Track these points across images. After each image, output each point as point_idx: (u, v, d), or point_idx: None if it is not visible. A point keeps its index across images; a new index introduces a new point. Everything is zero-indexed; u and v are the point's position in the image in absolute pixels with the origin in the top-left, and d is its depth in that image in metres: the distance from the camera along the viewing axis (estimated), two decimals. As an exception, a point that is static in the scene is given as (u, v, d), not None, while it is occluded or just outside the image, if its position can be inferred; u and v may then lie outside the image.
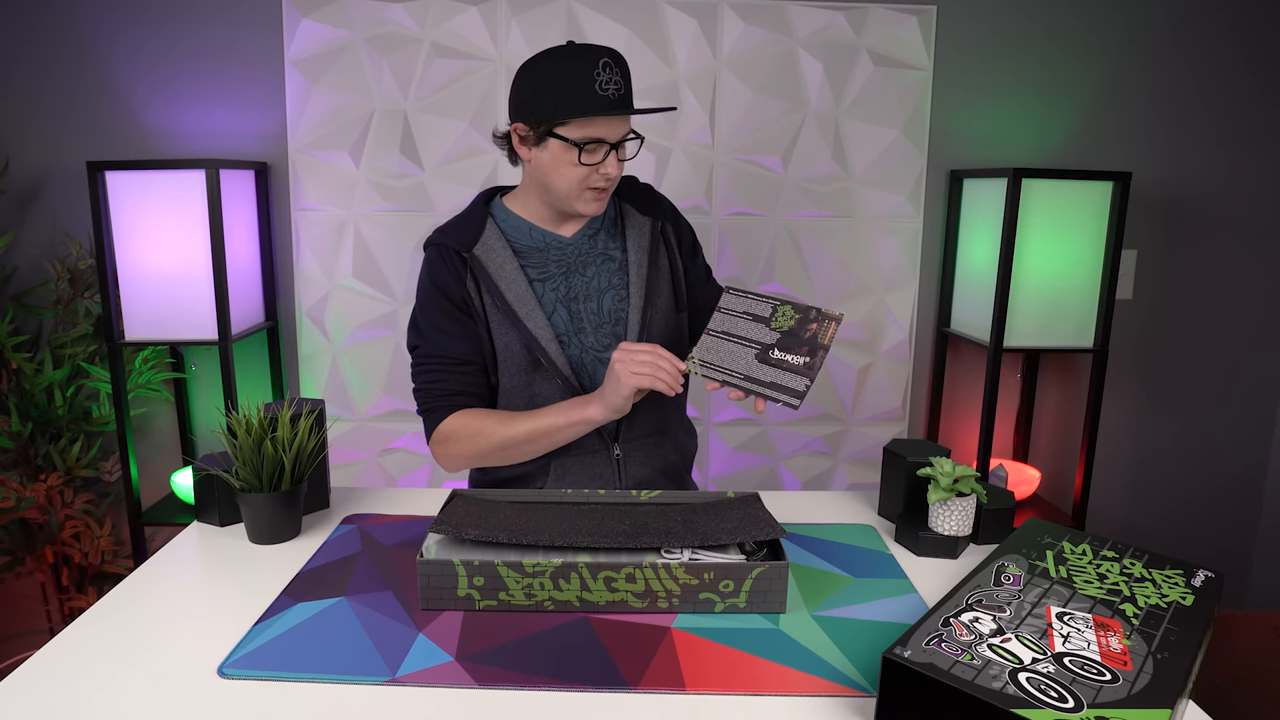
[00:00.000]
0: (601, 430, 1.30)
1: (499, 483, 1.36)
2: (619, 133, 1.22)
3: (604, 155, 1.21)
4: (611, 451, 1.32)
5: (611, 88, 1.18)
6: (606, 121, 1.20)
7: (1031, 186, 1.90)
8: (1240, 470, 2.36)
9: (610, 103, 1.17)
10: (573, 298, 1.30)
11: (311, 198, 2.08)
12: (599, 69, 1.17)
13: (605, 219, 1.35)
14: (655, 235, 1.35)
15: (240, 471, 1.14)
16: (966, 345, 2.26)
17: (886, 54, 2.09)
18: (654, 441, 1.36)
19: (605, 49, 1.19)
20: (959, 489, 1.12)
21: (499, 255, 1.28)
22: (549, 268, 1.30)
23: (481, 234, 1.29)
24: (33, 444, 2.06)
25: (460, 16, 2.02)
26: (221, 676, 0.85)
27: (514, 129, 1.25)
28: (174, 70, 2.03)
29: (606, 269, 1.32)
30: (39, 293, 2.09)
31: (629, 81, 1.21)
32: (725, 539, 1.03)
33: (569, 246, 1.32)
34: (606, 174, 1.22)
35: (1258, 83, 2.16)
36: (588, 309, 1.30)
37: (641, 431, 1.34)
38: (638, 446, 1.34)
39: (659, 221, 1.36)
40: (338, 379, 2.16)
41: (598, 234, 1.34)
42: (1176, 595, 0.91)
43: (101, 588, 2.15)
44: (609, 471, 1.32)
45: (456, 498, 1.16)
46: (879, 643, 0.93)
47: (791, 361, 1.10)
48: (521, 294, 1.26)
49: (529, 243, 1.31)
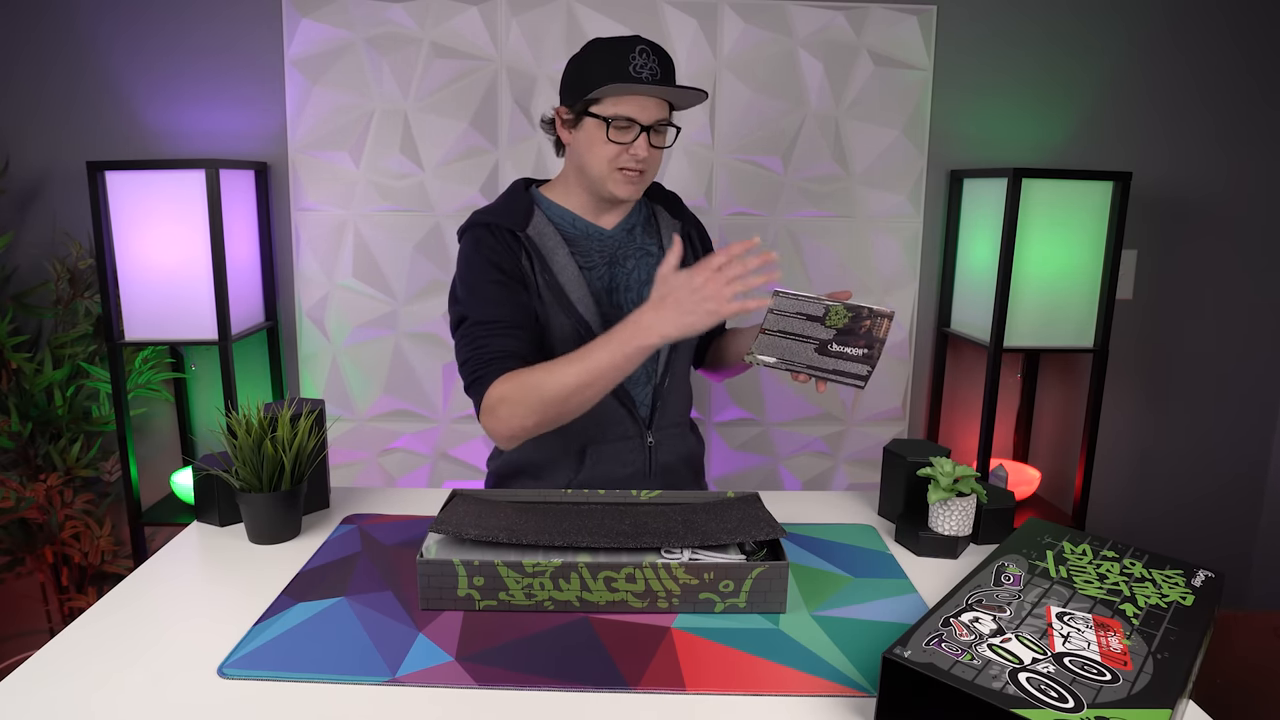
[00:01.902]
0: (636, 417, 1.34)
1: (528, 470, 1.37)
2: (651, 115, 1.23)
3: (635, 136, 1.23)
4: (645, 439, 1.36)
5: (646, 71, 1.21)
6: (639, 102, 1.22)
7: (1031, 186, 1.90)
8: (1240, 470, 2.36)
9: (638, 79, 1.20)
10: (614, 288, 1.34)
11: (311, 198, 2.08)
12: (635, 53, 1.21)
13: (640, 216, 1.39)
14: (684, 238, 1.41)
15: (240, 471, 1.14)
16: (966, 345, 2.26)
17: (886, 54, 2.09)
18: (680, 431, 1.42)
19: (648, 40, 1.23)
20: (959, 489, 1.12)
21: (550, 239, 1.29)
22: (592, 256, 1.33)
23: (531, 217, 1.30)
24: (33, 444, 2.06)
25: (460, 16, 2.02)
26: (221, 676, 0.85)
27: (557, 112, 1.30)
28: (174, 70, 2.03)
29: (645, 263, 1.36)
30: (39, 293, 2.09)
31: (670, 72, 1.24)
32: (725, 539, 1.03)
33: (610, 238, 1.35)
34: (635, 154, 1.24)
35: (1258, 82, 2.16)
36: (628, 300, 1.34)
37: (672, 420, 1.40)
38: (669, 434, 1.39)
39: (685, 227, 1.43)
40: (338, 379, 2.16)
41: (635, 229, 1.38)
42: (1176, 595, 0.91)
43: (101, 588, 2.15)
44: (641, 459, 1.36)
45: (456, 498, 1.16)
46: (879, 643, 0.93)
47: (851, 353, 1.12)
48: (573, 279, 1.28)
49: (573, 231, 1.33)
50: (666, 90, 1.22)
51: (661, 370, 1.36)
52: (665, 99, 1.26)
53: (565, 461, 1.35)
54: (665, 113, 1.26)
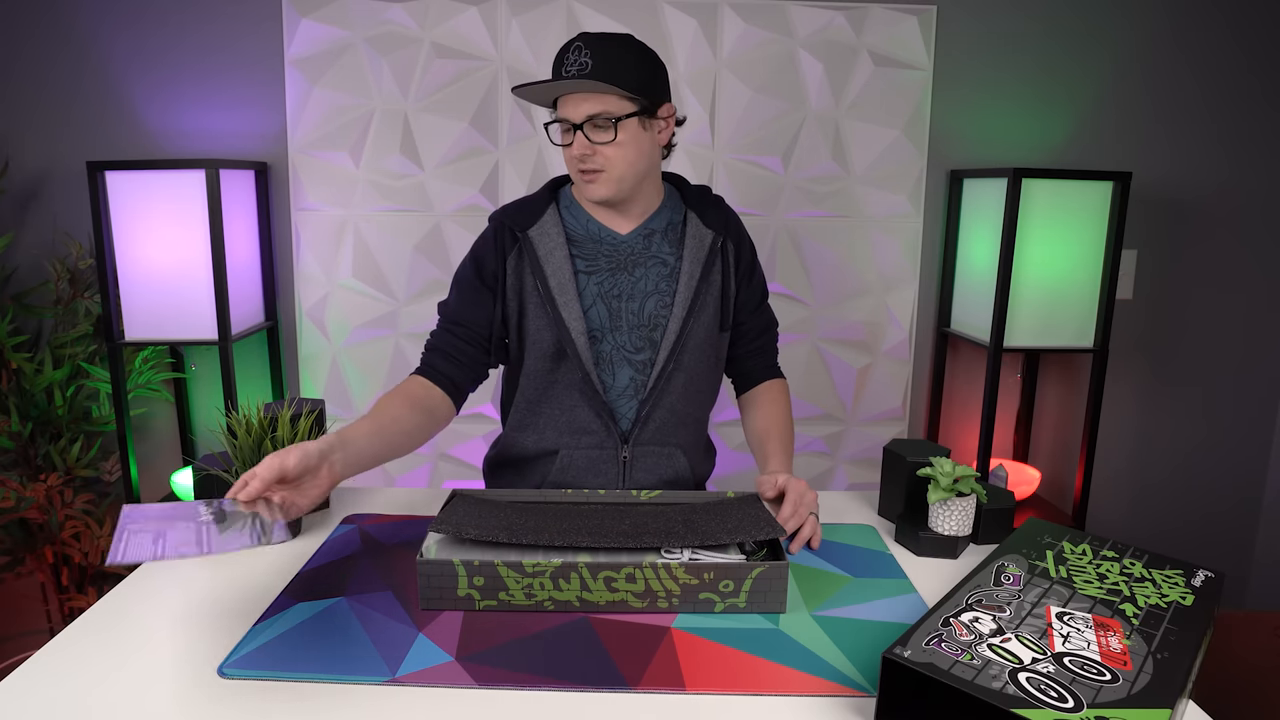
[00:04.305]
0: (613, 429, 1.31)
1: (511, 463, 1.38)
2: (581, 112, 1.19)
3: (572, 137, 1.22)
4: (619, 452, 1.32)
5: (575, 67, 1.17)
6: (568, 100, 1.21)
7: (1031, 186, 1.90)
8: (1241, 470, 2.36)
9: (565, 77, 1.18)
10: (615, 295, 1.30)
11: (311, 198, 2.08)
12: (570, 50, 1.18)
13: (666, 222, 1.33)
14: (714, 250, 1.32)
15: (240, 471, 1.14)
16: (966, 345, 2.26)
17: (886, 54, 2.09)
18: (666, 452, 1.34)
19: (594, 35, 1.19)
20: (959, 489, 1.12)
21: (551, 240, 1.28)
22: (598, 261, 1.30)
23: (540, 217, 1.30)
24: (33, 444, 2.06)
25: (460, 16, 2.02)
26: (221, 676, 0.85)
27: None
28: (174, 70, 2.03)
29: (656, 272, 1.31)
30: (39, 293, 2.09)
31: (608, 62, 1.16)
32: (725, 539, 1.03)
33: (623, 244, 1.31)
34: (573, 155, 1.22)
35: (1258, 83, 2.16)
36: (628, 308, 1.30)
37: (657, 439, 1.33)
38: (649, 453, 1.33)
39: (720, 237, 1.33)
40: (338, 379, 2.16)
41: (653, 235, 1.32)
42: (1176, 595, 0.91)
43: (101, 588, 2.15)
44: (614, 472, 1.33)
45: (456, 498, 1.16)
46: (879, 643, 0.92)
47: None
48: (563, 283, 1.27)
49: (583, 233, 1.31)
50: (562, 84, 1.17)
51: (650, 386, 1.29)
52: (564, 92, 1.20)
53: (542, 460, 1.35)
54: (605, 106, 1.18)
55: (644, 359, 1.30)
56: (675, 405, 1.33)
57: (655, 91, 1.23)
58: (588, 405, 1.30)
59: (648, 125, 1.24)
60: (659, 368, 1.29)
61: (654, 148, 1.27)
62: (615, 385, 1.30)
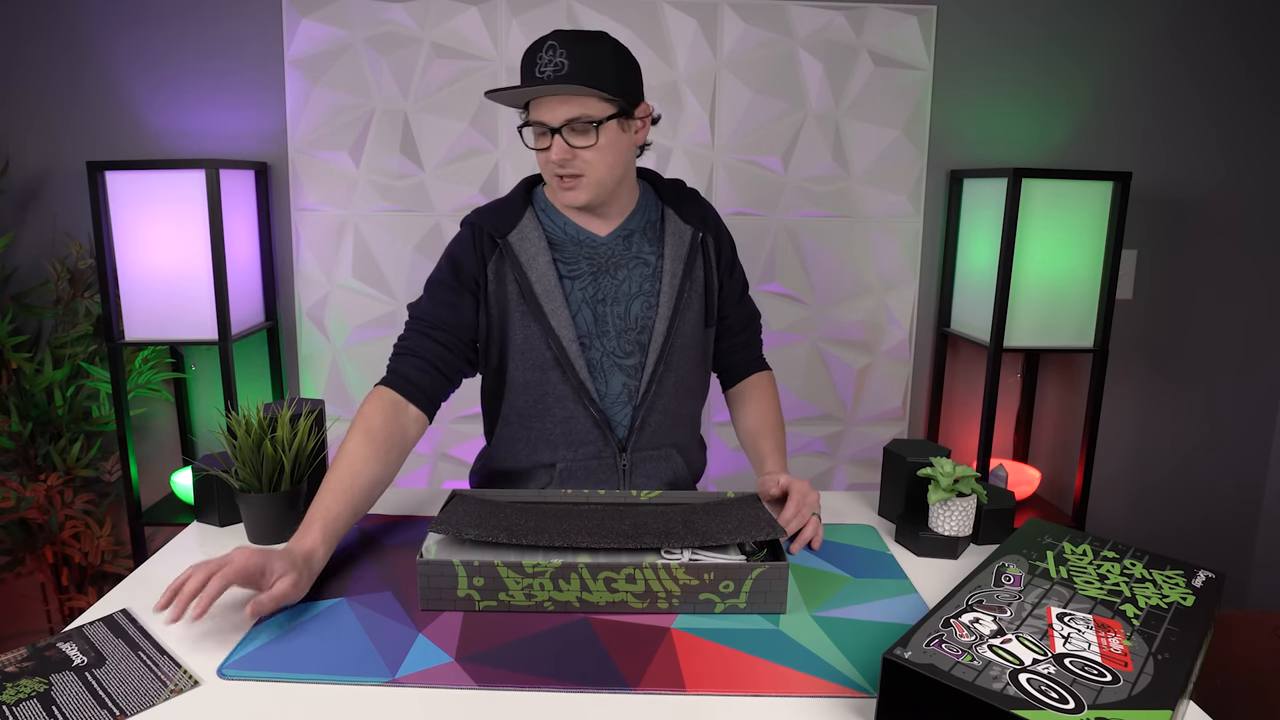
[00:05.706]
0: (610, 438, 1.28)
1: (503, 475, 1.36)
2: (559, 115, 1.15)
3: (549, 141, 1.18)
4: (618, 460, 1.30)
5: (550, 69, 1.13)
6: (543, 104, 1.16)
7: (1031, 186, 1.90)
8: (1240, 470, 2.36)
9: (539, 80, 1.13)
10: (600, 300, 1.26)
11: (311, 198, 2.08)
12: (543, 50, 1.14)
13: (642, 221, 1.30)
14: (694, 245, 1.30)
15: (240, 472, 1.14)
16: (966, 345, 2.26)
17: (886, 54, 2.09)
18: (664, 454, 1.33)
19: (568, 33, 1.15)
20: (959, 489, 1.12)
21: (533, 245, 1.24)
22: (579, 265, 1.26)
23: (519, 221, 1.26)
24: (33, 444, 2.06)
25: (460, 16, 2.02)
26: (221, 677, 0.85)
27: None
28: (174, 70, 2.03)
29: (639, 273, 1.28)
30: (39, 293, 2.09)
31: (585, 64, 1.12)
32: (725, 539, 1.03)
33: (602, 246, 1.27)
34: (551, 159, 1.19)
35: (1257, 83, 2.16)
36: (614, 313, 1.27)
37: (654, 443, 1.32)
38: (648, 458, 1.32)
39: (700, 232, 1.31)
40: (338, 379, 2.16)
41: (632, 235, 1.29)
42: (1177, 596, 0.91)
43: (101, 588, 2.15)
44: (615, 480, 1.31)
45: (456, 498, 1.16)
46: (879, 643, 0.92)
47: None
48: (550, 289, 1.23)
49: (562, 237, 1.27)
50: (541, 88, 1.13)
51: (643, 391, 1.27)
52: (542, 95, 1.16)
53: (538, 473, 1.32)
54: (585, 109, 1.15)
55: (634, 363, 1.28)
56: (669, 407, 1.31)
57: (633, 91, 1.20)
58: (584, 415, 1.27)
59: (626, 126, 1.21)
60: (649, 371, 1.27)
61: (631, 148, 1.24)
62: (609, 392, 1.28)
